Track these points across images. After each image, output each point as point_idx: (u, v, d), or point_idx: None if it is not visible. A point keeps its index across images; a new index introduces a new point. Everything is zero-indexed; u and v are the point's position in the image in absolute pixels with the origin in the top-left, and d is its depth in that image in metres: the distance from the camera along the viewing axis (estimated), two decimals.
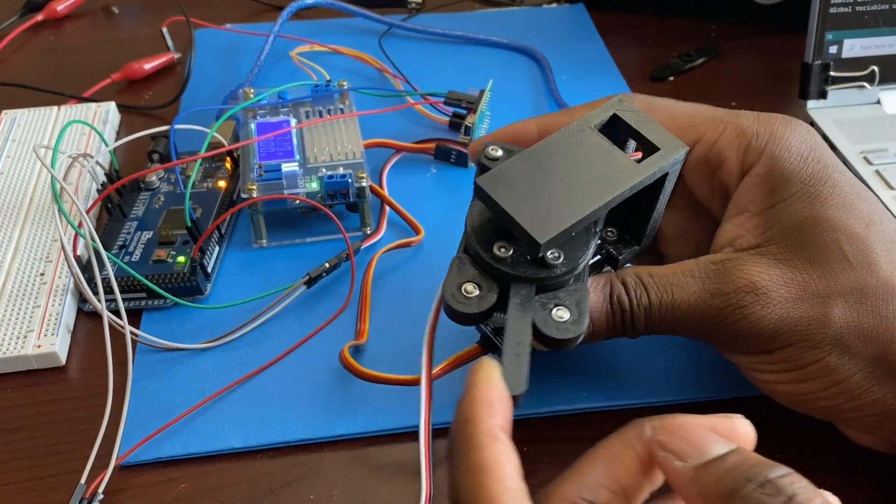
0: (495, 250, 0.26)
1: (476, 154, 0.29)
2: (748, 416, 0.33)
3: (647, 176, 0.26)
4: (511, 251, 0.26)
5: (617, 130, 0.28)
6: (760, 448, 0.33)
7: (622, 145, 0.28)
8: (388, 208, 0.44)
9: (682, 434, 0.23)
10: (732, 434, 0.23)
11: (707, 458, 0.22)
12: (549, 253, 0.26)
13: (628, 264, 0.33)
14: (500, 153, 0.28)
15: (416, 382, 0.32)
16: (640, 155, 0.28)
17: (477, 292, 0.26)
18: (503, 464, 0.21)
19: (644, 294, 0.29)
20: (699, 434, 0.23)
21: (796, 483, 0.20)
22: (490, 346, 0.32)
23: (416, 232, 0.42)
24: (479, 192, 0.26)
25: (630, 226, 0.29)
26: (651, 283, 0.29)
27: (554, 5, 0.66)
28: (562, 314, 0.25)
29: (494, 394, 0.23)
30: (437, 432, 0.32)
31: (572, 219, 0.25)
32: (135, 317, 0.39)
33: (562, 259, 0.26)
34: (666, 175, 0.27)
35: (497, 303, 0.26)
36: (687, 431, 0.23)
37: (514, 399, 0.23)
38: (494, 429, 0.22)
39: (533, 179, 0.26)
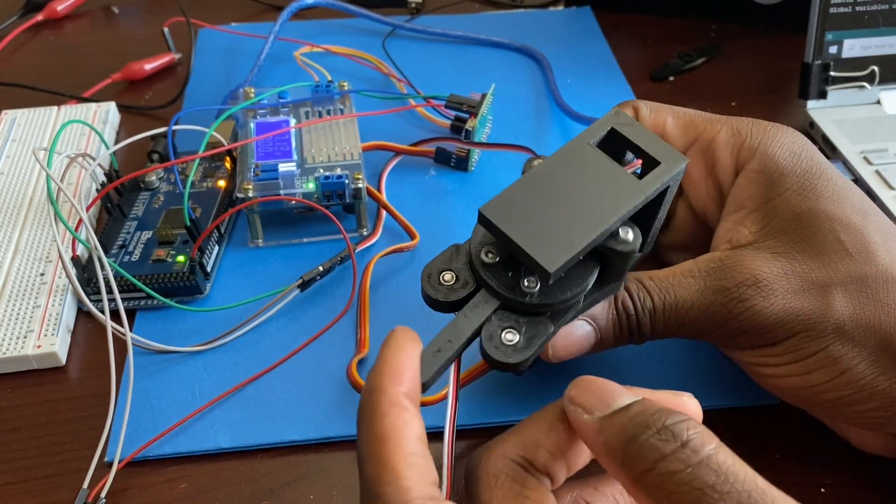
0: (482, 255, 0.26)
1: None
2: (748, 423, 0.34)
3: (652, 192, 0.26)
4: (498, 259, 0.26)
5: (614, 143, 0.28)
6: (761, 452, 0.33)
7: (620, 157, 0.28)
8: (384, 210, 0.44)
9: (590, 387, 0.23)
10: (680, 408, 0.23)
11: (612, 410, 0.22)
12: (526, 279, 0.26)
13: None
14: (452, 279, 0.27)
15: (430, 403, 0.32)
16: (639, 164, 0.28)
17: (452, 283, 0.27)
18: (403, 431, 0.21)
19: (647, 297, 0.29)
20: (606, 387, 0.23)
21: (692, 429, 0.21)
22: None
23: (412, 237, 0.42)
24: (483, 221, 0.26)
25: None
26: (653, 286, 0.29)
27: (560, 7, 0.66)
28: (510, 337, 0.25)
29: (404, 363, 0.23)
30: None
31: (580, 244, 0.25)
32: (133, 316, 0.39)
33: (537, 290, 0.25)
34: (668, 187, 0.27)
35: (466, 300, 0.26)
36: (594, 385, 0.23)
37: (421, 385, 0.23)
38: (399, 396, 0.22)
39: (537, 204, 0.26)
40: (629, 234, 0.26)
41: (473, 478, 0.24)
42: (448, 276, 0.27)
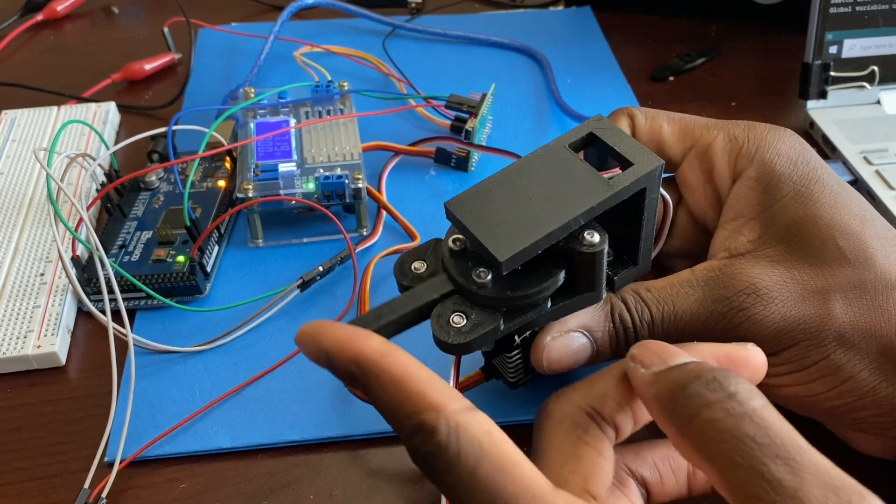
0: (450, 243, 0.27)
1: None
2: None
3: (619, 191, 0.26)
4: (464, 247, 0.27)
5: (597, 150, 0.28)
6: None
7: (603, 164, 0.28)
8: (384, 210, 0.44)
9: (652, 346, 0.24)
10: (745, 359, 0.24)
11: (668, 366, 0.23)
12: (478, 270, 0.26)
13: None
14: (423, 268, 0.28)
15: None
16: (618, 170, 0.28)
17: (422, 271, 0.27)
18: (410, 366, 0.22)
19: (645, 309, 0.29)
20: (667, 347, 0.23)
21: (740, 383, 0.21)
22: (492, 372, 0.33)
23: (412, 237, 0.42)
24: (447, 213, 0.26)
25: (624, 246, 0.29)
26: (650, 298, 0.29)
27: (560, 7, 0.66)
28: (457, 320, 0.25)
29: (352, 329, 0.23)
30: None
31: (534, 236, 0.25)
32: (133, 316, 0.39)
33: (489, 280, 0.26)
34: (644, 190, 0.27)
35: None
36: (657, 345, 0.24)
37: None
38: (380, 346, 0.22)
39: (501, 199, 0.26)
40: (594, 237, 0.26)
41: (540, 421, 0.25)
42: (418, 265, 0.27)
